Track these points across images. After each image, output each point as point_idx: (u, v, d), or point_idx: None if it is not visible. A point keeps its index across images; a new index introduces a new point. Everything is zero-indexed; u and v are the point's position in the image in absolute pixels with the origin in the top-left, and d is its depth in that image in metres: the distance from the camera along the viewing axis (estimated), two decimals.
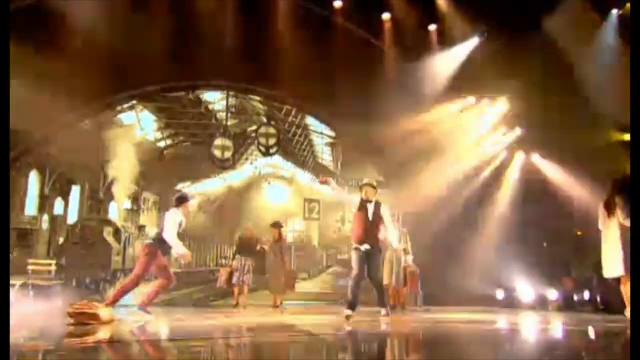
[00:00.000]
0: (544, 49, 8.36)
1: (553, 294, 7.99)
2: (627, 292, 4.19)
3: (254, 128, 14.11)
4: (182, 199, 5.41)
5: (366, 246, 4.97)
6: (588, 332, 4.52)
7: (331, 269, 18.84)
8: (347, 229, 17.11)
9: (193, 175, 17.96)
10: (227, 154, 11.70)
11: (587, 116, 8.23)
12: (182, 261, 13.74)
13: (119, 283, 8.59)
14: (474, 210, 9.58)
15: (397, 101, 9.14)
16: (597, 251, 4.62)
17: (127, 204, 15.07)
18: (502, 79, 8.95)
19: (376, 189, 5.18)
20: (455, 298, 8.42)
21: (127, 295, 5.25)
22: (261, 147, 12.03)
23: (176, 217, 5.11)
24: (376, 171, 12.81)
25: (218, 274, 8.35)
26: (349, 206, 5.06)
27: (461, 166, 9.77)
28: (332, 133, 15.18)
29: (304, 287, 13.94)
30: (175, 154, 17.76)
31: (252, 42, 9.32)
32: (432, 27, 9.64)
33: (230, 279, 7.59)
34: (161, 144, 17.42)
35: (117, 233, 11.97)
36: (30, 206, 14.78)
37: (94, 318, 4.38)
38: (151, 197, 17.10)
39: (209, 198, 18.74)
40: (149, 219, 16.17)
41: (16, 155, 10.30)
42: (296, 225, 20.23)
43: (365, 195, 5.07)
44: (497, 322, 5.63)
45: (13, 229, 14.01)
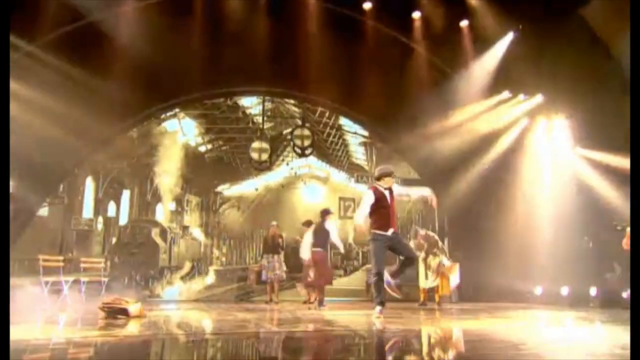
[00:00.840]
0: (582, 40, 8.05)
1: (594, 291, 7.67)
2: None
3: (290, 130, 14.48)
4: (326, 212, 7.15)
5: (392, 230, 5.04)
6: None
7: (366, 266, 18.92)
8: None
9: (232, 177, 18.67)
10: (264, 156, 12.18)
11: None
12: (223, 259, 14.32)
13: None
14: (511, 205, 9.38)
15: (431, 99, 9.14)
16: None
17: (172, 206, 15.94)
18: (539, 73, 8.71)
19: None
20: (491, 294, 8.33)
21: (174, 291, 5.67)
22: (297, 149, 12.40)
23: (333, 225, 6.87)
24: (411, 169, 12.81)
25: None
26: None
27: (499, 162, 9.58)
28: (366, 133, 15.28)
29: (341, 284, 14.18)
30: (215, 158, 18.54)
31: (285, 46, 9.61)
32: (464, 24, 9.52)
33: (259, 277, 7.95)
34: (202, 149, 18.23)
35: (164, 233, 12.76)
36: (87, 209, 16.03)
37: (124, 313, 4.67)
38: (194, 199, 17.95)
39: (248, 199, 19.36)
40: (192, 220, 17.00)
41: (73, 164, 11.29)
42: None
43: (386, 184, 5.15)
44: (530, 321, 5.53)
45: (72, 231, 15.28)
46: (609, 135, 8.05)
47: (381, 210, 5.08)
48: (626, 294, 7.73)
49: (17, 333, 3.72)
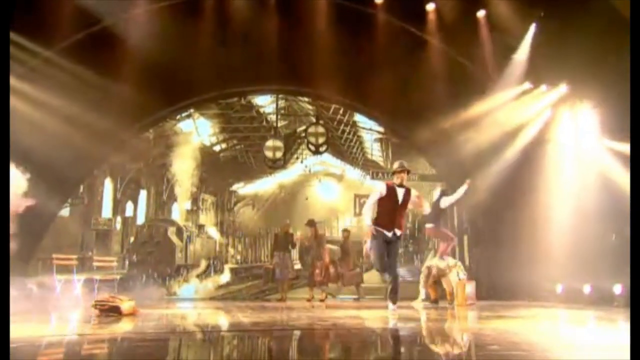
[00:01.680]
0: (607, 23, 7.66)
1: (618, 289, 7.33)
2: None
3: (304, 128, 14.43)
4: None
5: (395, 232, 4.91)
6: None
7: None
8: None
9: (247, 176, 18.76)
10: (279, 154, 12.15)
11: None
12: (239, 257, 14.31)
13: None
14: (532, 200, 9.10)
15: (448, 93, 8.94)
16: None
17: (188, 205, 16.11)
18: (562, 62, 8.37)
19: (409, 174, 5.15)
20: (510, 292, 8.10)
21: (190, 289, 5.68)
22: (311, 146, 12.32)
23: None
24: (428, 165, 12.59)
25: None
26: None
27: (520, 157, 9.28)
28: (381, 129, 15.10)
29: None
30: (229, 157, 18.67)
31: (296, 44, 9.55)
32: (481, 14, 9.25)
33: (273, 275, 7.96)
34: (217, 148, 18.37)
35: (180, 232, 12.90)
36: (106, 209, 16.36)
37: (116, 311, 4.64)
38: (209, 198, 18.12)
39: (262, 197, 19.42)
40: (208, 219, 17.16)
41: (92, 165, 11.52)
42: (347, 221, 20.35)
43: (399, 180, 5.00)
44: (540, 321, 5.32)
45: (92, 230, 15.63)
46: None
47: (388, 206, 4.95)
48: None
49: (31, 330, 3.78)
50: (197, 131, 16.25)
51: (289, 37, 9.33)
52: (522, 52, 8.74)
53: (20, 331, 3.40)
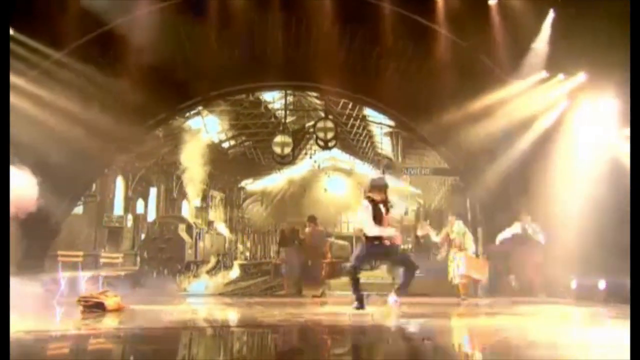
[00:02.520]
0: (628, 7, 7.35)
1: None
2: None
3: (312, 123, 14.31)
4: None
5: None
6: None
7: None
8: (410, 218, 16.72)
9: (255, 172, 18.73)
10: (287, 150, 12.05)
11: None
12: (248, 254, 14.26)
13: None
14: (547, 193, 8.86)
15: (459, 84, 8.73)
16: None
17: (197, 202, 16.16)
18: (580, 50, 8.06)
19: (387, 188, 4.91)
20: (523, 288, 7.90)
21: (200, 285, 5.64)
22: (320, 142, 12.16)
23: None
24: (439, 158, 12.38)
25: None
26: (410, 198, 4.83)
27: (535, 148, 9.03)
28: (392, 122, 14.90)
29: (363, 277, 13.94)
30: (238, 153, 18.66)
31: (303, 39, 9.44)
32: (493, 2, 9.00)
33: (280, 271, 7.89)
34: (225, 145, 18.37)
35: (190, 229, 12.93)
36: (117, 207, 16.51)
37: (100, 307, 4.59)
38: (218, 195, 18.16)
39: (271, 193, 19.40)
40: (217, 215, 17.20)
41: (103, 164, 11.58)
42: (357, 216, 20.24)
43: (376, 196, 4.78)
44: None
45: (105, 227, 15.79)
46: None
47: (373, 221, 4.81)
48: None
49: (37, 324, 3.77)
50: (206, 128, 16.24)
51: (295, 33, 9.22)
52: (538, 40, 8.47)
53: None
